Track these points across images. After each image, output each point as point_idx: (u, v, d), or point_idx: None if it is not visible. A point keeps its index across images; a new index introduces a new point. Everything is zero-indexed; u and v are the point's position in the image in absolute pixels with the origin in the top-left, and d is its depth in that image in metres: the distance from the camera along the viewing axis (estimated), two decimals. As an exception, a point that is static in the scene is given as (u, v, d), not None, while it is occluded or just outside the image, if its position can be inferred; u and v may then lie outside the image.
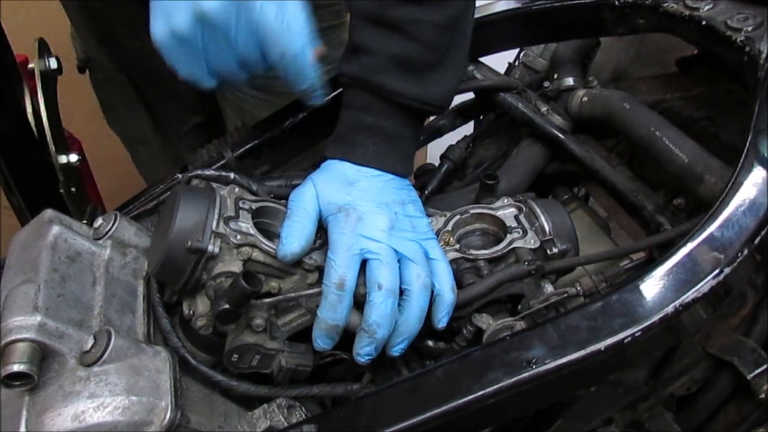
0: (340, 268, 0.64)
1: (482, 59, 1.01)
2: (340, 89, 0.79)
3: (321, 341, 0.65)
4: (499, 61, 1.05)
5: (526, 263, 0.70)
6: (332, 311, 0.63)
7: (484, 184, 0.82)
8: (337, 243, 0.65)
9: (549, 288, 0.72)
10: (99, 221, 0.70)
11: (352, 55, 0.72)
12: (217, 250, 0.63)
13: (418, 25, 0.69)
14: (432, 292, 0.67)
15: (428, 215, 0.79)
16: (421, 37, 0.69)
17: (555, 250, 0.72)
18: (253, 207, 0.70)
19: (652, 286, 0.59)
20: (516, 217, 0.76)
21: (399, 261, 0.66)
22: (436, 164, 0.97)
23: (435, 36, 0.70)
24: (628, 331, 0.57)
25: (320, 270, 0.68)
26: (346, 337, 0.66)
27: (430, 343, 0.74)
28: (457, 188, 0.96)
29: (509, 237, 0.74)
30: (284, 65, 0.65)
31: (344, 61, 0.74)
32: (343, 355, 0.71)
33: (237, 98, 1.19)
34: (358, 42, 0.71)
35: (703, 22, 0.75)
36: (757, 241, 0.59)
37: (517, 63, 1.11)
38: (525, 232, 0.74)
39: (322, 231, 0.69)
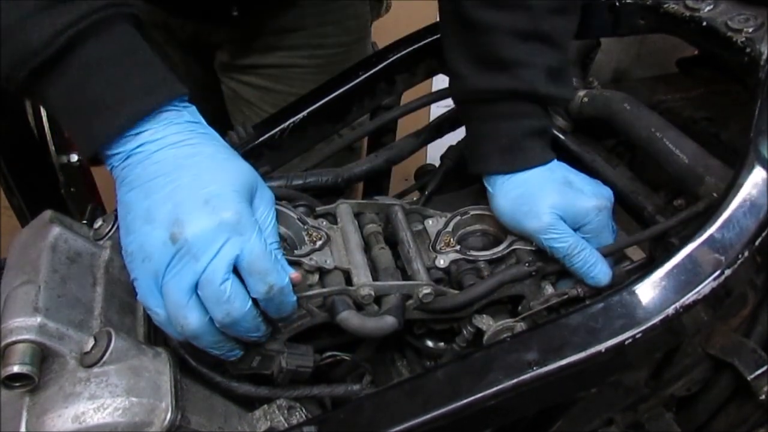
0: None
1: (482, 60, 1.01)
2: None
3: None
4: (499, 62, 1.05)
5: (527, 264, 0.70)
6: None
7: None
8: None
9: (549, 289, 0.72)
10: (99, 222, 0.70)
11: (503, 70, 0.73)
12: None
13: (565, 35, 0.75)
14: None
15: (428, 216, 0.79)
16: (565, 45, 0.75)
17: (555, 251, 0.72)
18: (254, 208, 0.69)
19: (652, 287, 0.59)
20: (516, 218, 0.76)
21: None
22: (436, 164, 0.97)
23: (568, 42, 0.78)
24: (629, 333, 0.57)
25: (320, 271, 0.68)
26: (347, 338, 0.66)
27: (430, 343, 0.74)
28: (457, 189, 0.96)
29: (510, 238, 0.74)
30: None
31: (490, 77, 0.74)
32: (344, 357, 0.71)
33: (238, 94, 1.19)
34: (511, 57, 0.72)
35: (704, 23, 0.75)
36: (757, 242, 0.59)
37: (517, 63, 1.10)
38: (525, 233, 0.74)
39: (320, 232, 0.70)
